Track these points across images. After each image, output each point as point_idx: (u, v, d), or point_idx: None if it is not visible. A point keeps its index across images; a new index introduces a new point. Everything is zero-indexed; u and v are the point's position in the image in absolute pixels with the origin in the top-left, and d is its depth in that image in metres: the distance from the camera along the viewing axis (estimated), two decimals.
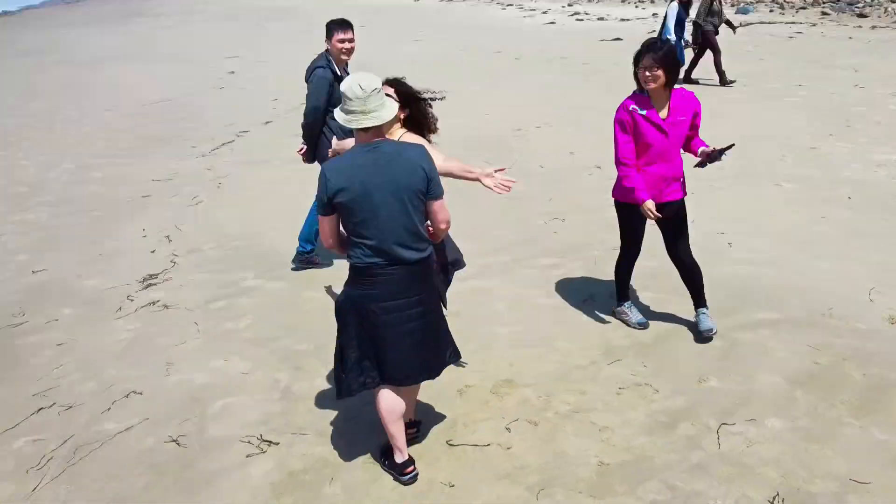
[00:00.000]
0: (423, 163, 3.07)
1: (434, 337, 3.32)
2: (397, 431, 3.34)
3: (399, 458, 3.37)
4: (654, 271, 5.26)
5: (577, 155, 8.50)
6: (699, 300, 4.52)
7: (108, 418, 4.00)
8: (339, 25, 5.24)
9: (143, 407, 4.09)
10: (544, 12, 26.21)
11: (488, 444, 3.63)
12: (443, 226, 3.21)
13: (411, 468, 3.38)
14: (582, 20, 23.54)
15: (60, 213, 7.52)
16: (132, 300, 5.42)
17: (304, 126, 5.40)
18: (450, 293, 4.09)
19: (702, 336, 4.42)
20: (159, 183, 8.38)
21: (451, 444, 3.65)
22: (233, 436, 3.79)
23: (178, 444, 3.76)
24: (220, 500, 3.35)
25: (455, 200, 6.55)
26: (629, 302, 4.76)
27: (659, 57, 4.03)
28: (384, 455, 3.51)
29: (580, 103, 11.26)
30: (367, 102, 2.96)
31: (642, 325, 4.63)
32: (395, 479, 3.38)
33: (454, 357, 3.48)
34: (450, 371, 4.16)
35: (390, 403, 3.31)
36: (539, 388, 4.07)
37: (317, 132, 5.34)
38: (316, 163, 5.38)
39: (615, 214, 4.64)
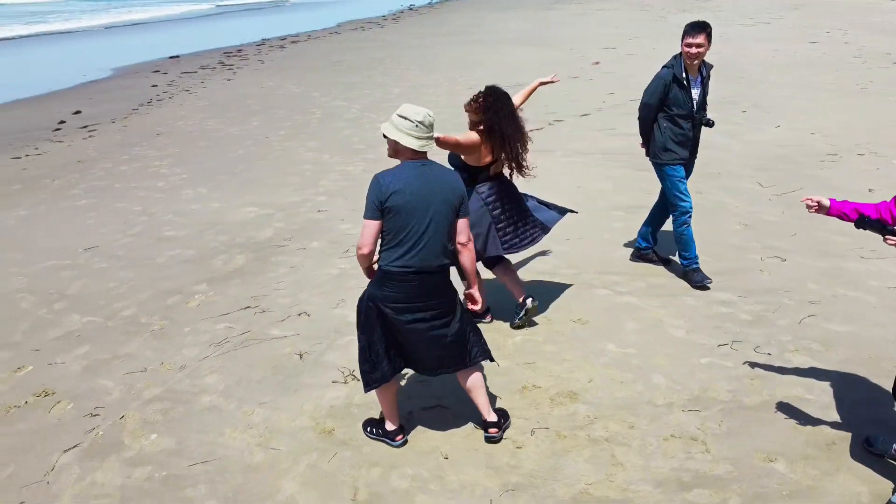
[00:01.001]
0: (459, 183, 3.57)
1: (453, 336, 3.66)
2: (393, 407, 3.84)
3: (391, 427, 3.86)
4: (842, 337, 4.59)
5: (875, 194, 7.24)
6: None
7: (277, 326, 5.25)
8: (691, 28, 5.23)
9: (303, 325, 5.25)
10: None
11: (505, 438, 3.89)
12: (463, 238, 3.62)
13: (402, 436, 3.86)
14: None
15: (369, 168, 9.28)
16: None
17: (638, 120, 5.65)
18: (592, 303, 4.99)
19: None
20: None
21: (475, 427, 4.00)
22: (336, 365, 4.70)
23: (300, 357, 4.81)
24: (292, 405, 4.29)
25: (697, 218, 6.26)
26: None
27: None
28: (370, 425, 3.97)
29: None
30: (433, 129, 3.49)
31: None
32: (388, 444, 3.87)
33: (480, 356, 3.81)
34: (523, 370, 4.48)
35: (391, 386, 3.80)
36: (594, 409, 4.09)
37: (648, 127, 5.53)
38: (648, 157, 5.68)
39: (845, 268, 3.86)
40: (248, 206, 7.98)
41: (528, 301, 4.87)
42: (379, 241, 3.51)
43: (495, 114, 4.64)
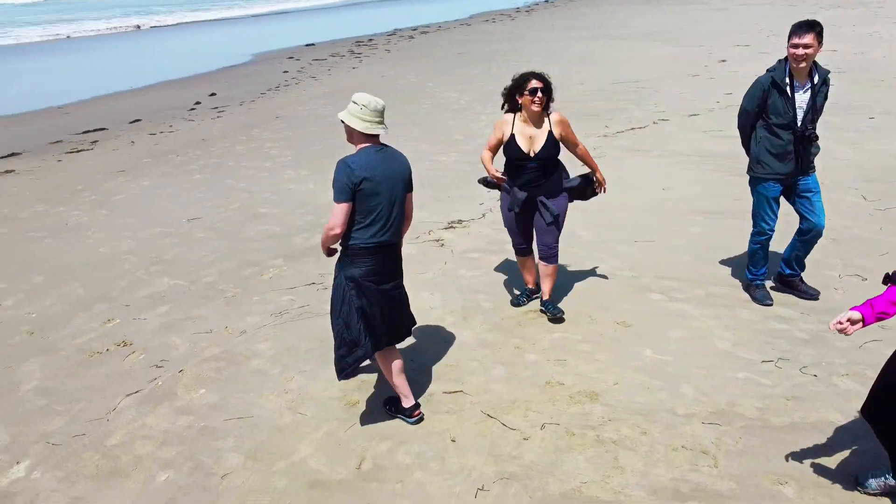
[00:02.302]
0: (408, 163, 3.88)
1: (407, 305, 4.10)
2: (402, 382, 4.04)
3: (407, 404, 4.05)
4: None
5: None
6: None
7: None
8: (798, 28, 4.75)
9: None
10: None
11: (515, 429, 3.97)
12: (408, 210, 3.92)
13: (419, 411, 4.04)
14: None
15: (461, 159, 9.48)
16: (430, 233, 6.92)
17: (737, 128, 5.32)
18: (642, 307, 5.12)
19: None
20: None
21: (487, 414, 4.11)
22: None
23: None
24: (327, 375, 4.58)
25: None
26: None
27: None
28: (388, 404, 4.17)
29: None
30: (384, 115, 3.70)
31: None
32: (404, 421, 4.07)
33: (413, 322, 4.19)
34: (552, 366, 4.54)
35: (393, 359, 4.02)
36: (611, 412, 4.08)
37: (746, 136, 5.23)
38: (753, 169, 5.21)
39: None
40: None
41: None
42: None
43: (551, 92, 4.82)
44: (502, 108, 4.99)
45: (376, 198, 3.66)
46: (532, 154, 4.83)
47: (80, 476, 3.81)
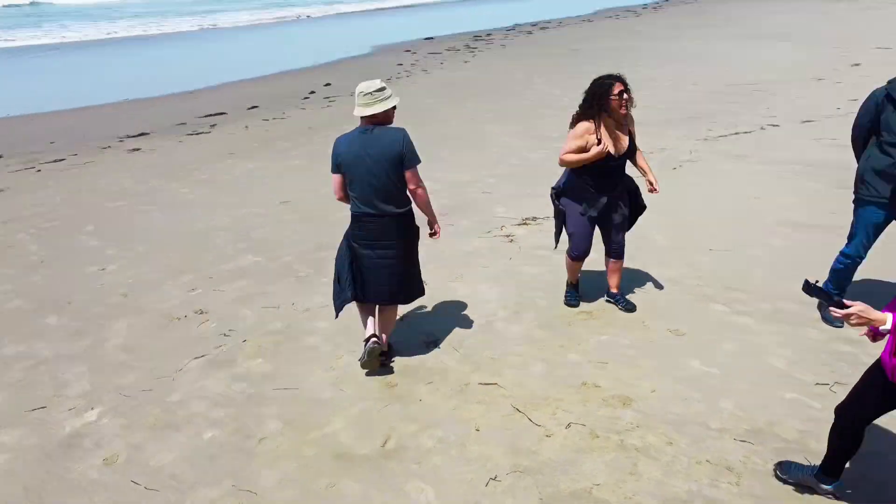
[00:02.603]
0: (400, 139, 4.19)
1: (403, 276, 4.46)
2: (370, 325, 4.52)
3: (365, 335, 4.51)
4: None
5: None
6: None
7: None
8: None
9: None
10: None
11: (540, 425, 4.01)
12: (411, 186, 4.28)
13: (373, 339, 4.46)
14: None
15: (549, 157, 9.43)
16: (503, 229, 7.00)
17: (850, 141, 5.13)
18: (700, 316, 5.09)
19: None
20: (653, 154, 9.36)
21: (516, 408, 4.17)
22: (427, 330, 5.11)
23: (400, 318, 5.28)
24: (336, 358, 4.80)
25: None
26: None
27: None
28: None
29: None
30: (371, 97, 4.08)
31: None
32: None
33: (418, 294, 4.63)
34: (592, 367, 4.54)
35: (368, 314, 4.58)
36: (642, 418, 4.03)
37: (857, 148, 4.93)
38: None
39: None
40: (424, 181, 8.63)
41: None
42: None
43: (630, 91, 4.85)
44: (575, 123, 4.90)
45: (352, 174, 4.15)
46: (618, 155, 4.89)
47: (140, 426, 4.22)
